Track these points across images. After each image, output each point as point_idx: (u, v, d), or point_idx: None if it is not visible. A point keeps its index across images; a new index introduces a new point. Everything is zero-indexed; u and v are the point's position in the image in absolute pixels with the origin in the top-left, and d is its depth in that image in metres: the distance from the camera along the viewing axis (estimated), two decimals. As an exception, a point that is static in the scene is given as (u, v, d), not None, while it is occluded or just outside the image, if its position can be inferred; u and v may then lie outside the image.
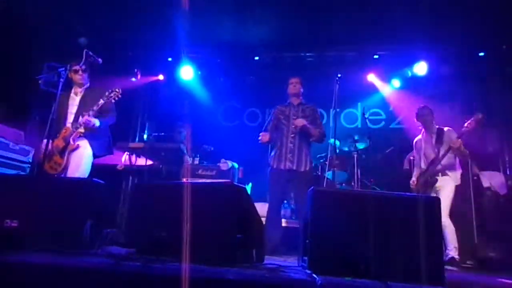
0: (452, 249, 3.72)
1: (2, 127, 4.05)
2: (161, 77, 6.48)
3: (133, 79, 5.84)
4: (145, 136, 6.14)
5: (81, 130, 3.42)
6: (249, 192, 3.85)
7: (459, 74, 5.70)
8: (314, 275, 1.78)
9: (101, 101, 3.40)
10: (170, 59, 6.38)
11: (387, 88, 6.14)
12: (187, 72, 6.32)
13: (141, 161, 4.68)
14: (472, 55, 5.61)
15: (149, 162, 4.82)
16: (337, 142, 4.64)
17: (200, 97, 6.55)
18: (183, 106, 6.06)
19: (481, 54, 5.56)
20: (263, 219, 2.83)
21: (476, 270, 3.77)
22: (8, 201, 2.38)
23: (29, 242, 2.16)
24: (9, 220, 2.30)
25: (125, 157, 4.29)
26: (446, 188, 3.93)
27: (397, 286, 1.69)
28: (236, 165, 5.25)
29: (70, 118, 3.56)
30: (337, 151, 4.67)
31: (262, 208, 4.73)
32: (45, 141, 3.16)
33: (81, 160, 3.41)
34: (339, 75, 3.82)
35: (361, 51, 5.90)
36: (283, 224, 4.55)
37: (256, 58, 6.21)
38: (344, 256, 1.94)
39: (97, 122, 3.44)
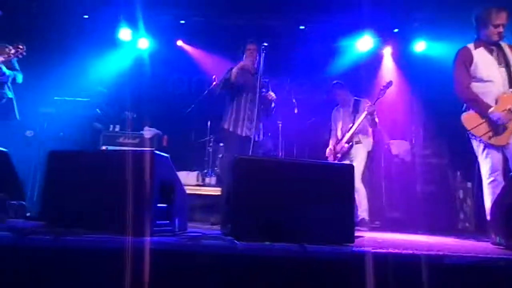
0: (363, 211, 4.08)
1: None
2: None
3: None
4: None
5: None
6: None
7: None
8: (235, 241, 1.82)
9: (1, 58, 3.01)
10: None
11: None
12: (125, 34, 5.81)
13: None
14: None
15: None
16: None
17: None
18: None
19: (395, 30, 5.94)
20: (186, 188, 2.80)
21: (383, 229, 4.20)
22: None
23: None
24: None
25: None
26: (359, 155, 4.27)
27: (312, 247, 1.79)
28: (160, 133, 5.10)
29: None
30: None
31: (185, 177, 4.70)
32: None
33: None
34: (265, 44, 3.82)
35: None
36: (209, 193, 4.58)
37: (182, 22, 5.91)
38: (264, 222, 2.01)
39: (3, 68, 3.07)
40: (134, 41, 5.94)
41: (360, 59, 5.96)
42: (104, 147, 4.73)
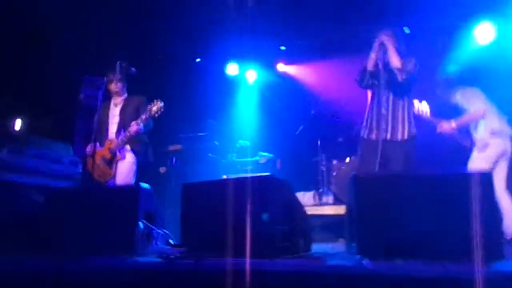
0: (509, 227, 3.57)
1: (51, 142, 4.30)
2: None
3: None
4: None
5: (126, 140, 3.57)
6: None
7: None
8: (364, 261, 1.77)
9: (144, 116, 3.51)
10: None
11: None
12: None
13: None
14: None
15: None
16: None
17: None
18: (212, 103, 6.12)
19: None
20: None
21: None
22: (64, 211, 2.55)
23: (83, 249, 2.29)
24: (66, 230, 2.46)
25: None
26: None
27: (454, 266, 1.64)
28: (273, 157, 5.28)
29: (112, 128, 3.74)
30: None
31: (302, 198, 4.74)
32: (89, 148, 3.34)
33: (127, 168, 3.60)
34: None
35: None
36: (328, 212, 4.52)
37: (283, 48, 6.15)
38: (393, 239, 1.92)
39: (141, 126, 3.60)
40: (242, 74, 6.37)
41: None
42: (224, 176, 5.10)
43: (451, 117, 4.06)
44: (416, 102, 3.85)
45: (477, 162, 3.74)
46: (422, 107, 3.95)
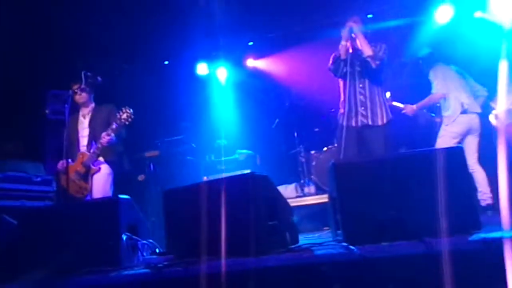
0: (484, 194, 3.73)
1: (21, 163, 4.14)
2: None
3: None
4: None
5: (98, 152, 3.48)
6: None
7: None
8: (350, 247, 1.79)
9: (115, 125, 3.41)
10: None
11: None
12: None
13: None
14: None
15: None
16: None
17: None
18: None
19: None
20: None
21: None
22: (40, 232, 2.45)
23: (67, 268, 2.22)
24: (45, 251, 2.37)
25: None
26: None
27: (436, 240, 1.69)
28: (252, 153, 5.28)
29: (83, 141, 3.63)
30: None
31: (284, 191, 4.77)
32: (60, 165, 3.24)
33: (103, 181, 3.50)
34: None
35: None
36: (311, 202, 4.56)
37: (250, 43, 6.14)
38: (376, 223, 1.95)
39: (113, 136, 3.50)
40: (213, 73, 6.32)
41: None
42: (204, 177, 5.06)
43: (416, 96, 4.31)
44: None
45: (443, 138, 3.92)
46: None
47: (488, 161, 3.93)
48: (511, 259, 1.52)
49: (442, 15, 5.15)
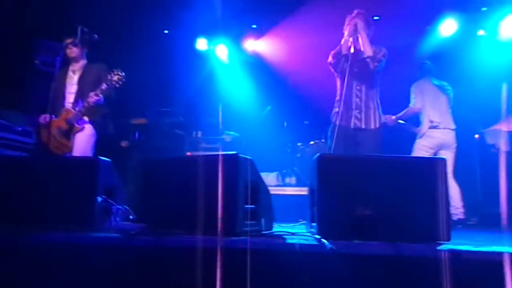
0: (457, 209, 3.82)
1: (1, 110, 4.03)
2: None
3: None
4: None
5: (84, 111, 3.40)
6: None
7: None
8: (323, 240, 1.81)
9: (104, 86, 3.33)
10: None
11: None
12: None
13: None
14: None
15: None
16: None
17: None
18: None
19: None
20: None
21: (481, 227, 3.85)
22: (16, 183, 2.40)
23: (39, 222, 2.19)
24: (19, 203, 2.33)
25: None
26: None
27: (405, 245, 1.72)
28: (239, 136, 5.26)
29: (69, 98, 3.54)
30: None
31: (265, 178, 4.77)
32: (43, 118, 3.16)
33: (85, 141, 3.43)
34: None
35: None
36: (291, 193, 4.60)
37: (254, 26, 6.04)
38: (352, 221, 1.97)
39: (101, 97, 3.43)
40: (212, 50, 6.21)
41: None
42: (188, 153, 5.03)
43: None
44: None
45: (417, 150, 4.05)
46: None
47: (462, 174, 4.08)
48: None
49: (446, 28, 5.21)
